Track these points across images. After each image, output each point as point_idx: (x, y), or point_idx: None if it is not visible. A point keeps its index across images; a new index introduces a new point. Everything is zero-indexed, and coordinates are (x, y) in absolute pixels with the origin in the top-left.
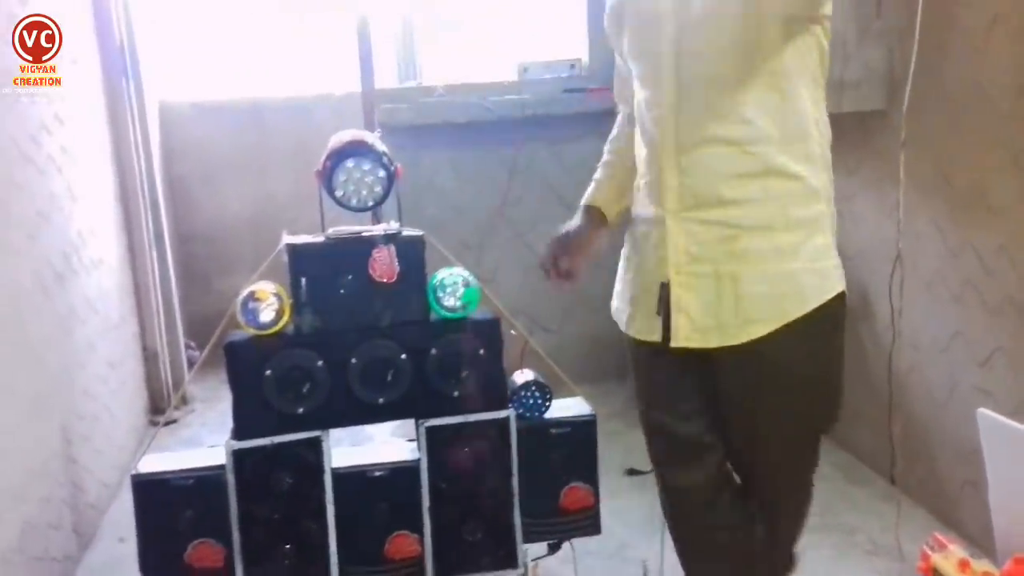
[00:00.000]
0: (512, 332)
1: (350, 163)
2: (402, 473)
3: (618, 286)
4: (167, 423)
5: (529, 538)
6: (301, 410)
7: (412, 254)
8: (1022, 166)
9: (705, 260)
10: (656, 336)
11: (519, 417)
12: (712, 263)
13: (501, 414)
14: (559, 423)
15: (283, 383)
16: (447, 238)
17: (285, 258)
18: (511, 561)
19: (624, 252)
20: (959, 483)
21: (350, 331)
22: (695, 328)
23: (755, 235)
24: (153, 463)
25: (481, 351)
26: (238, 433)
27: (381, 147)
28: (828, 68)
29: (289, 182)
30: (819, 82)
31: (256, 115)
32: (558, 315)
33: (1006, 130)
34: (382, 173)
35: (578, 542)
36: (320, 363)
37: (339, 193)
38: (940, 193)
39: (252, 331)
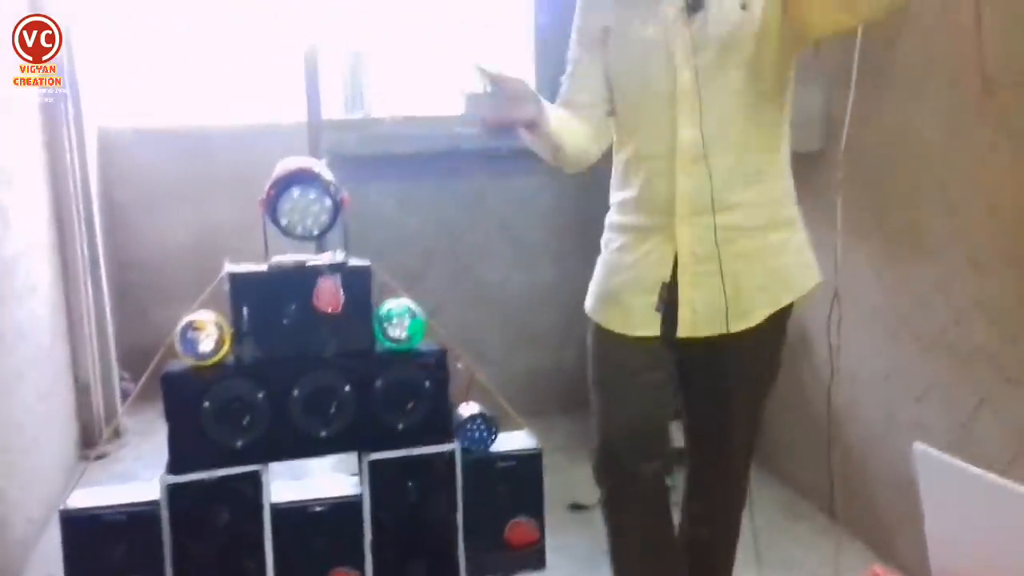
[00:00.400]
0: (459, 365)
1: (295, 192)
2: (343, 508)
3: (601, 287)
4: (98, 457)
5: (473, 573)
6: (240, 443)
7: (358, 284)
8: (954, 208)
9: (710, 260)
10: (652, 331)
11: (465, 450)
12: (716, 262)
13: (447, 447)
14: (505, 456)
15: (222, 415)
16: (392, 269)
17: (227, 287)
18: None
19: (608, 258)
20: (896, 516)
21: (292, 361)
22: (699, 320)
23: (753, 235)
24: (83, 498)
25: (427, 383)
26: (173, 467)
27: (327, 176)
28: None
29: (233, 211)
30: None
31: (200, 143)
32: (501, 348)
33: (939, 173)
34: (328, 202)
35: None
36: (261, 395)
37: (284, 222)
38: (876, 233)
39: (190, 361)
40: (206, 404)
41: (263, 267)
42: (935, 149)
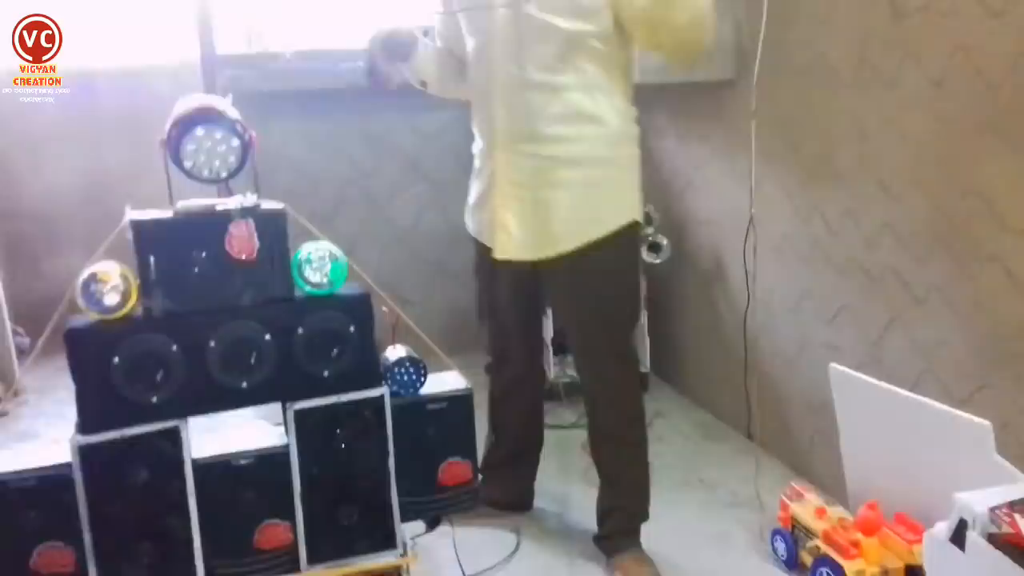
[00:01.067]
0: (383, 308)
1: (200, 131)
2: (270, 460)
3: (468, 205)
4: None
5: (407, 517)
6: (155, 399)
7: (272, 228)
8: (865, 134)
9: (525, 186)
10: (491, 247)
11: (394, 395)
12: (530, 189)
13: (375, 392)
14: (436, 398)
15: (133, 371)
16: (300, 213)
17: (129, 235)
18: (389, 542)
19: (472, 184)
20: (810, 435)
21: (207, 313)
22: (513, 243)
23: (568, 168)
24: None
25: (351, 328)
26: (84, 427)
27: (233, 113)
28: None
29: (124, 155)
30: (628, 46)
31: (86, 84)
32: (419, 288)
33: (849, 100)
34: (236, 142)
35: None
36: (174, 348)
37: (188, 164)
38: (789, 160)
39: (95, 315)
40: (116, 360)
41: (168, 213)
42: (845, 77)
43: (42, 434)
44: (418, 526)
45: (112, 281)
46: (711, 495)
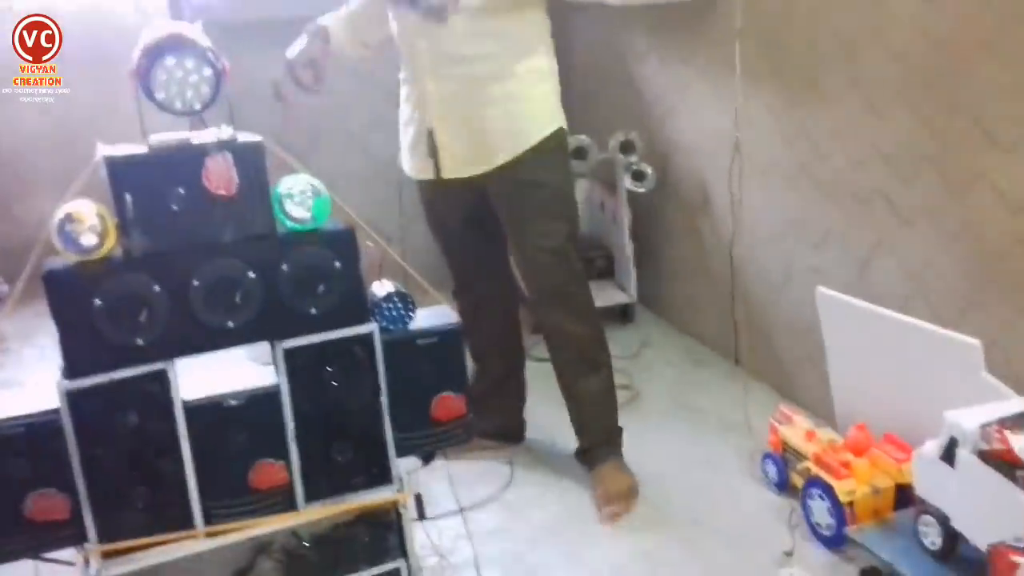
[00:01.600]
0: (368, 244)
1: (170, 60)
2: (261, 400)
3: (402, 142)
4: None
5: (402, 452)
6: (140, 341)
7: (251, 162)
8: (853, 52)
9: (455, 107)
10: (431, 174)
11: (383, 330)
12: (460, 109)
13: (364, 328)
14: (426, 333)
15: (116, 313)
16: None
17: (103, 173)
18: (385, 478)
19: (402, 116)
20: (797, 359)
21: (188, 251)
22: (456, 162)
23: (492, 85)
24: None
25: (337, 264)
26: (70, 371)
27: (204, 41)
28: None
29: (90, 92)
30: None
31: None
32: (399, 224)
33: (837, 16)
34: (208, 71)
35: None
36: (156, 288)
37: (160, 95)
38: (774, 81)
39: (73, 257)
40: (97, 302)
41: (142, 149)
42: None
43: (25, 381)
44: (413, 461)
45: (88, 221)
46: (701, 421)
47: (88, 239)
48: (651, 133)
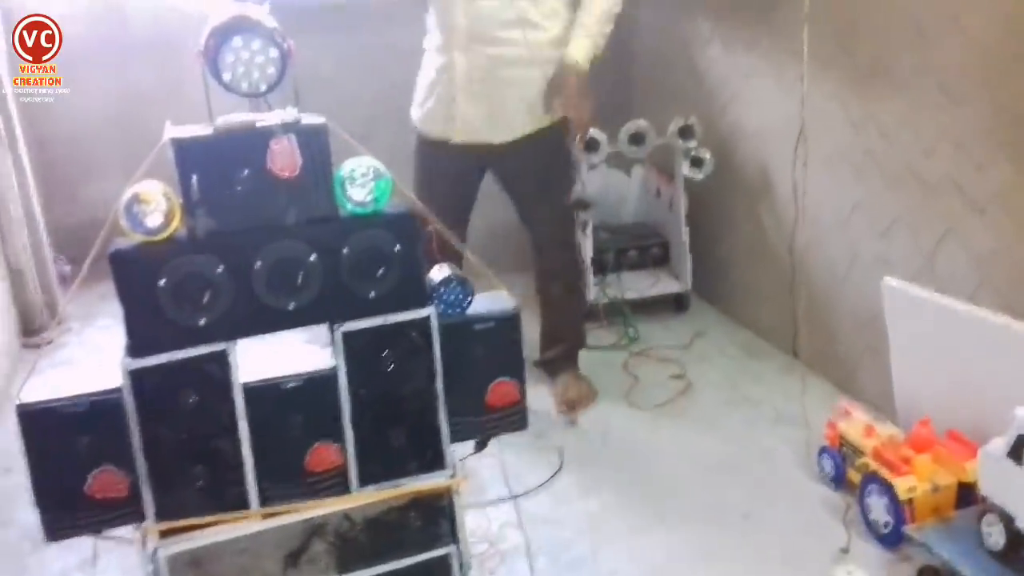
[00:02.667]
0: (428, 228)
1: (237, 41)
2: (318, 382)
3: (419, 99)
4: (41, 344)
5: (456, 437)
6: (202, 321)
7: (315, 144)
8: (926, 37)
9: (481, 82)
10: (448, 136)
11: (440, 315)
12: (485, 84)
13: (422, 313)
14: (483, 319)
15: (180, 293)
16: (332, 135)
17: (170, 154)
18: (439, 463)
19: (425, 78)
20: (858, 352)
21: (251, 232)
22: (473, 128)
23: (516, 67)
24: (37, 390)
25: (397, 247)
26: (134, 350)
27: (271, 23)
28: None
29: (153, 76)
30: None
31: (114, 5)
32: None
33: (909, 1)
34: (274, 52)
35: None
36: (220, 269)
37: (227, 76)
38: (842, 67)
39: (139, 237)
40: (162, 282)
41: (208, 130)
42: None
43: (86, 362)
44: (466, 447)
45: (155, 201)
46: (756, 413)
47: (154, 219)
48: (711, 119)
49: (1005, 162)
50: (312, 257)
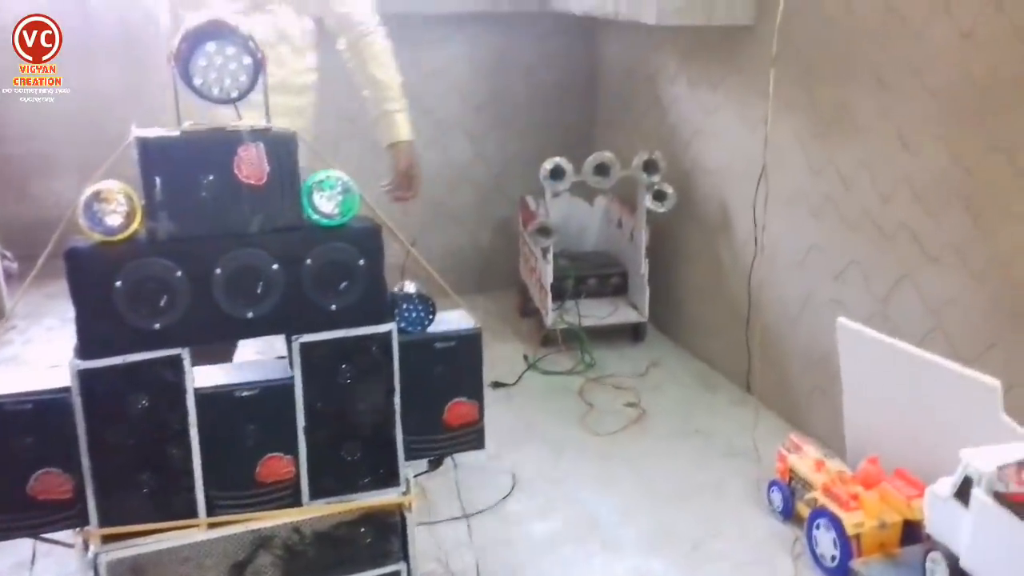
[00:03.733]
0: (396, 245)
1: (211, 46)
2: (274, 392)
3: None
4: None
5: (411, 455)
6: (158, 325)
7: (283, 153)
8: (887, 86)
9: None
10: None
11: (401, 331)
12: None
13: (383, 328)
14: (444, 337)
15: (136, 296)
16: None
17: (134, 154)
18: (392, 480)
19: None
20: (809, 389)
21: (214, 238)
22: None
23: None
24: None
25: (362, 261)
26: (84, 351)
27: (244, 30)
28: None
29: (116, 75)
30: None
31: (77, 0)
32: (417, 228)
33: (872, 49)
34: (247, 60)
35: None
36: (179, 273)
37: (198, 81)
38: (805, 110)
39: (97, 237)
40: (118, 283)
41: (175, 132)
42: (871, 24)
43: (31, 361)
44: (420, 464)
45: (115, 201)
46: (707, 444)
47: (114, 219)
48: (674, 154)
49: (961, 212)
50: (274, 266)
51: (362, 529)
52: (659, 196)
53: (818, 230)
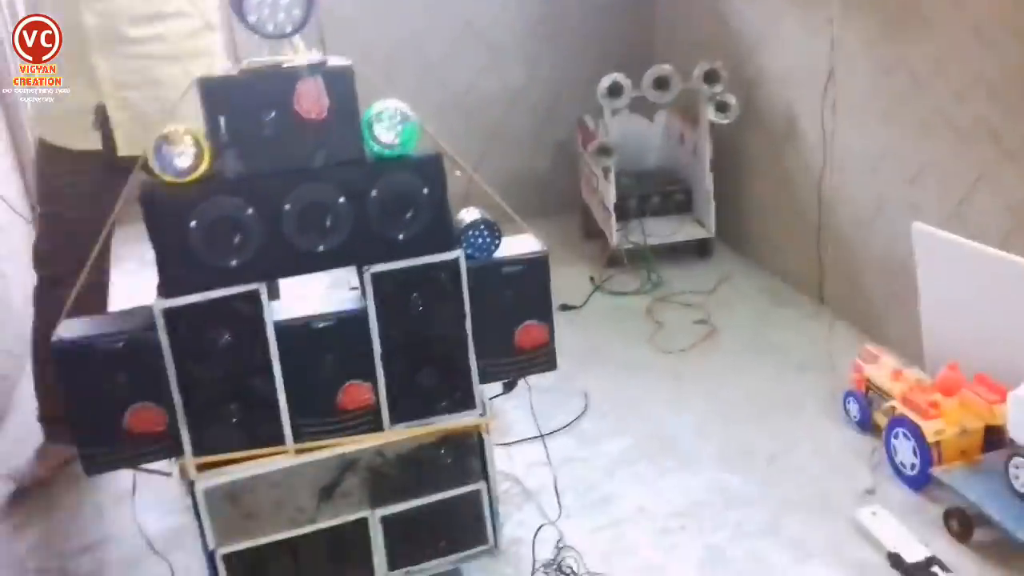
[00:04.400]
0: (457, 173)
1: None
2: (349, 322)
3: (54, 112)
4: None
5: (485, 379)
6: (234, 263)
7: (342, 86)
8: None
9: (130, 87)
10: (99, 145)
11: (469, 257)
12: (136, 88)
13: (450, 255)
14: (512, 262)
15: (211, 235)
16: None
17: (198, 96)
18: (468, 403)
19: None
20: (884, 298)
21: (280, 175)
22: (132, 140)
23: (166, 64)
24: (73, 327)
25: (425, 190)
26: (166, 290)
27: None
28: None
29: None
30: None
31: None
32: (474, 155)
33: None
34: None
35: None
36: (250, 211)
37: (252, 18)
38: (872, 9)
39: (169, 179)
40: (193, 224)
41: (234, 72)
42: None
43: (116, 302)
44: (494, 387)
45: (183, 143)
46: (780, 358)
47: (183, 161)
48: (737, 64)
49: None
50: (341, 200)
51: (442, 451)
52: (721, 107)
53: (889, 133)
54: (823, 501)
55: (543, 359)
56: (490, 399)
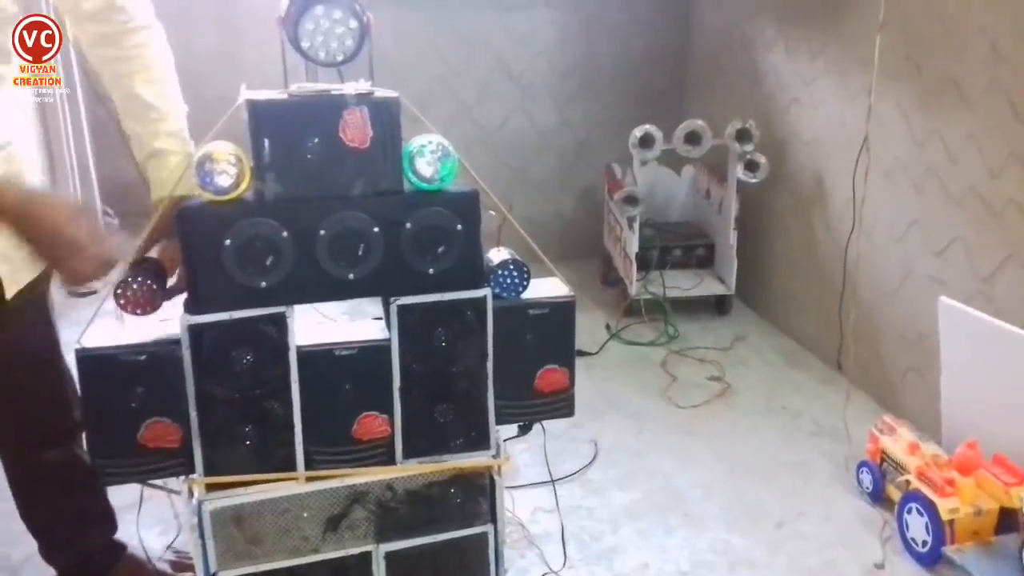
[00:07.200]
0: (491, 212)
1: (319, 9)
2: (371, 352)
3: None
4: (87, 294)
5: (502, 420)
6: (264, 283)
7: (387, 117)
8: (999, 53)
9: None
10: None
11: (496, 297)
12: None
13: (478, 293)
14: (538, 304)
15: (244, 254)
16: None
17: (244, 116)
18: (483, 443)
19: None
20: (903, 370)
21: (318, 200)
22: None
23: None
24: (97, 337)
25: (459, 226)
26: (195, 307)
27: None
28: None
29: (210, 38)
30: None
31: None
32: (500, 194)
33: (985, 16)
34: (354, 23)
35: None
36: (285, 234)
37: (305, 44)
38: (910, 79)
39: (209, 196)
40: (227, 242)
41: (283, 95)
42: None
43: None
44: (509, 429)
45: (226, 161)
46: (794, 422)
47: (224, 179)
48: (769, 123)
49: None
50: (375, 229)
51: (452, 490)
52: (751, 166)
53: (920, 204)
54: (830, 570)
55: (561, 405)
56: (504, 440)
